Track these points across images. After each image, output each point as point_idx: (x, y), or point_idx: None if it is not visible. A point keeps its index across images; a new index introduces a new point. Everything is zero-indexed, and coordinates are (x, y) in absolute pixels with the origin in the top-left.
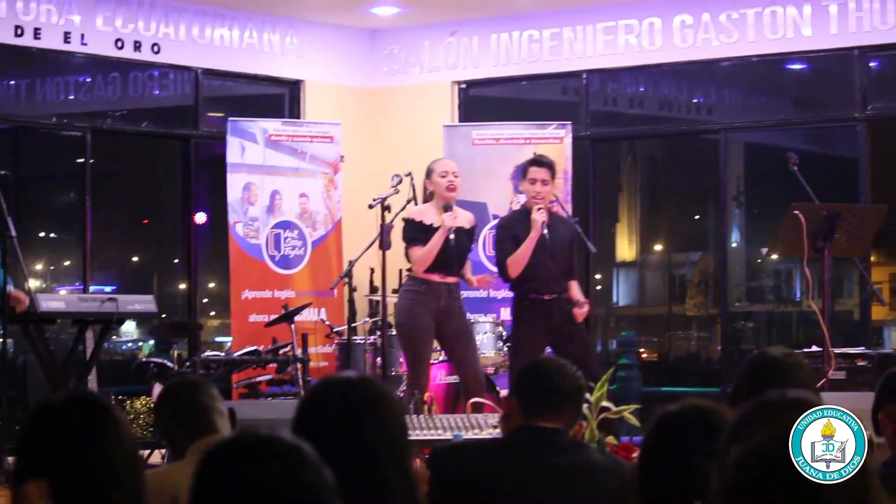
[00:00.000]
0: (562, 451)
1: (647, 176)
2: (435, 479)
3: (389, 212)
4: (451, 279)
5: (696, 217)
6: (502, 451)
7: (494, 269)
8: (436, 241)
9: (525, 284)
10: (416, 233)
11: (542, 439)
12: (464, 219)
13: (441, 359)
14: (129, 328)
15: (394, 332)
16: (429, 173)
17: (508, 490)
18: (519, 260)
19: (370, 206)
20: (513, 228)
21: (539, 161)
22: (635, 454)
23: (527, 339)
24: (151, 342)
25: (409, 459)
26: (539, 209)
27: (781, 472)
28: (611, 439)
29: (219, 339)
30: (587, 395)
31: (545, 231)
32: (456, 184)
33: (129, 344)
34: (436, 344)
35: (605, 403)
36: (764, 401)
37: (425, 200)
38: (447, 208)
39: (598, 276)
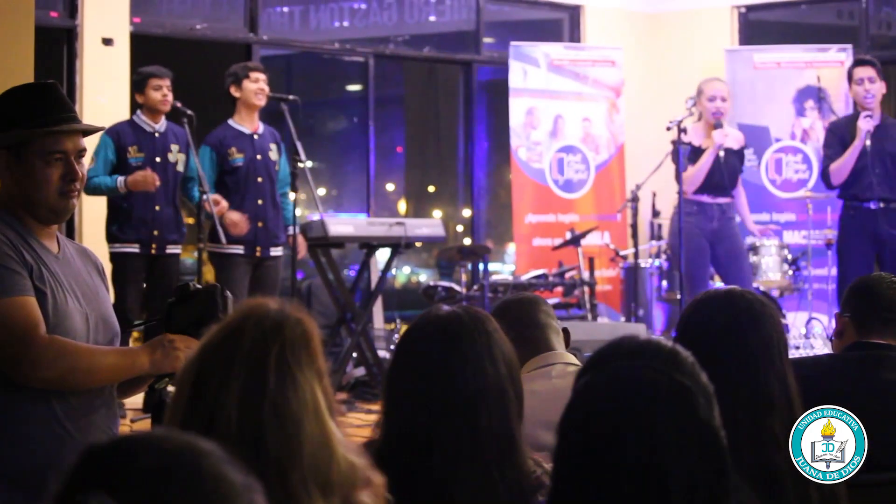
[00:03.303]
0: (895, 367)
1: None
2: None
3: (686, 134)
4: (722, 200)
5: None
6: (836, 367)
7: (777, 192)
8: (706, 160)
9: (849, 191)
10: (686, 154)
11: (875, 356)
12: (733, 139)
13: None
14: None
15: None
16: (699, 94)
17: (842, 405)
18: (841, 168)
19: (668, 129)
20: (840, 132)
21: (861, 60)
22: None
23: (850, 251)
24: (409, 270)
25: (790, 372)
26: (867, 116)
27: None
28: None
29: (495, 264)
30: None
31: (868, 140)
32: (723, 109)
33: (392, 272)
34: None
35: None
36: None
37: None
38: (717, 126)
39: None
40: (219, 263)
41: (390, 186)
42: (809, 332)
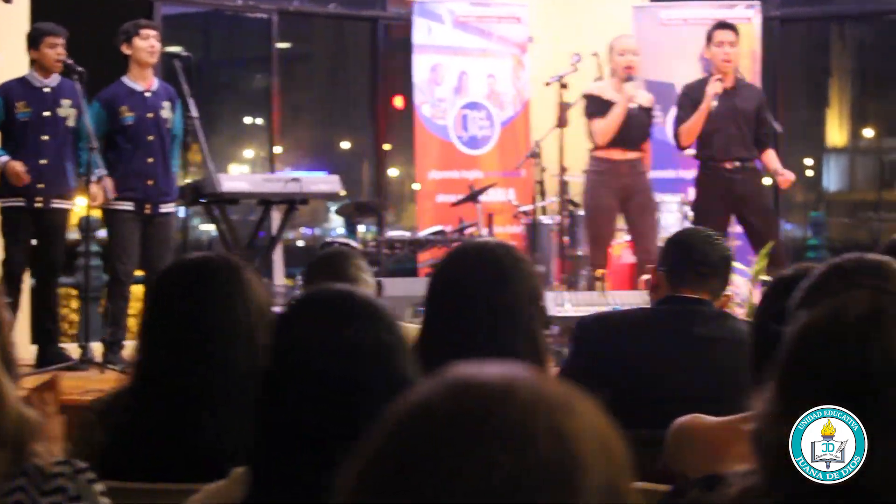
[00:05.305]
0: (706, 322)
1: (858, 60)
2: (581, 348)
3: (567, 90)
4: (632, 154)
5: None
6: (647, 321)
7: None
8: (617, 113)
9: (705, 151)
10: (596, 107)
11: (686, 309)
12: (644, 97)
13: (625, 238)
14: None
15: (581, 212)
16: (609, 51)
17: (652, 359)
18: (689, 129)
19: (547, 84)
20: (693, 95)
21: (723, 24)
22: None
23: (705, 212)
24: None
25: (537, 327)
26: (717, 79)
27: (833, 347)
28: None
29: (408, 222)
30: (746, 269)
31: (717, 100)
32: (634, 63)
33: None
34: (621, 223)
35: (764, 277)
36: (837, 264)
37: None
38: (628, 79)
39: (808, 162)
40: (108, 220)
41: (346, 145)
42: None
